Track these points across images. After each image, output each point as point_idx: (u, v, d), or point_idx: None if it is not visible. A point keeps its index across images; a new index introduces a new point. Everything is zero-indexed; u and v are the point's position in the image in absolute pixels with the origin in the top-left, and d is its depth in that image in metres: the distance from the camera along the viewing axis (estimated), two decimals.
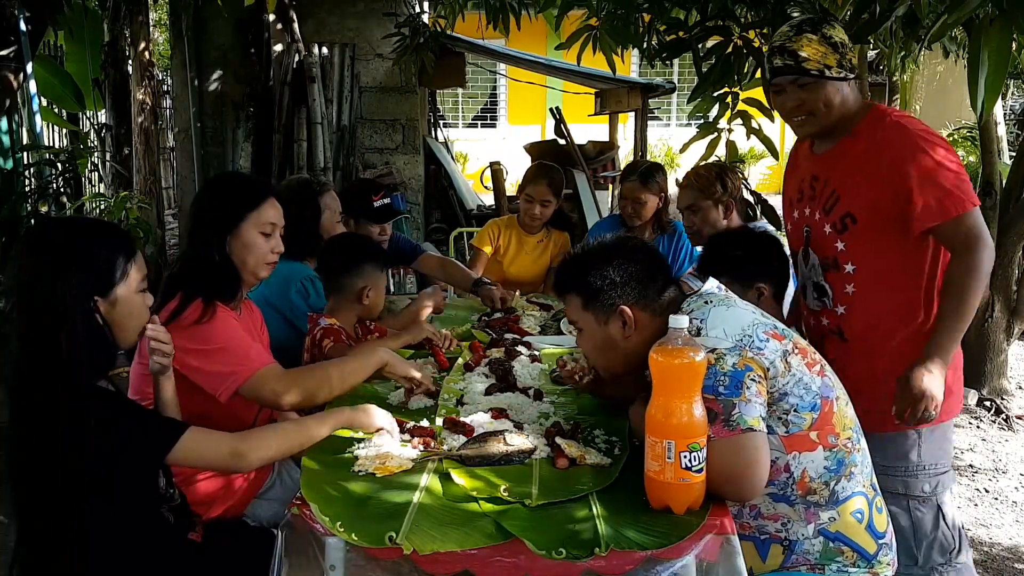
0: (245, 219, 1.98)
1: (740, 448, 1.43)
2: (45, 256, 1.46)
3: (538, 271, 3.66)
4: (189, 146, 6.42)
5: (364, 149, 6.56)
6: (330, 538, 1.36)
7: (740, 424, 1.43)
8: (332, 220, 2.87)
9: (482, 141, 13.66)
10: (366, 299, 2.42)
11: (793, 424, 1.53)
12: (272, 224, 2.02)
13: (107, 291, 1.50)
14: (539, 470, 1.59)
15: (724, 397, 1.44)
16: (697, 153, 3.03)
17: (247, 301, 2.13)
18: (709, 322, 1.53)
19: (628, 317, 1.63)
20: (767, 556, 1.57)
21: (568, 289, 1.73)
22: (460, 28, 5.08)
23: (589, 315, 1.68)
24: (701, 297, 1.63)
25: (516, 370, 2.20)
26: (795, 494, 1.55)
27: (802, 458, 1.54)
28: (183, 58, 6.31)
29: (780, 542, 1.57)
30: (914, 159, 1.87)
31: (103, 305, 1.50)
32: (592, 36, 3.12)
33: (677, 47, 2.74)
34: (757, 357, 1.49)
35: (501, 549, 1.33)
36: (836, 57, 1.90)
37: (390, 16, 6.11)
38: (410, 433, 1.76)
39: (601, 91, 7.90)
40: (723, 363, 1.47)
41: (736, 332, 1.51)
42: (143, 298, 1.58)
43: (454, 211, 7.22)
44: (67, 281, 1.44)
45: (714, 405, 1.44)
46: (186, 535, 1.65)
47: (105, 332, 1.49)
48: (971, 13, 1.81)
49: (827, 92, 1.93)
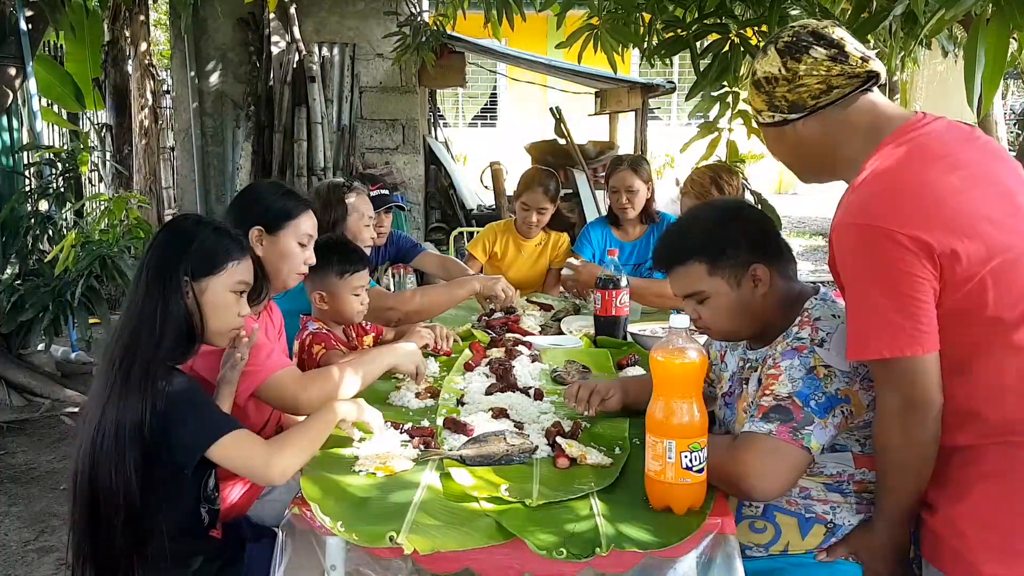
0: (284, 227, 2.03)
1: (787, 457, 1.43)
2: (170, 236, 1.63)
3: (537, 275, 3.65)
4: (189, 145, 6.43)
5: (364, 149, 6.56)
6: (330, 538, 1.36)
7: (804, 440, 1.43)
8: (359, 223, 2.86)
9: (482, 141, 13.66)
10: (323, 304, 2.32)
11: (869, 446, 1.51)
12: (309, 236, 2.08)
13: (200, 276, 1.59)
14: (540, 470, 1.59)
15: (810, 411, 1.44)
16: (698, 152, 3.02)
17: (269, 304, 2.14)
18: (836, 338, 1.48)
19: (763, 273, 1.59)
20: (808, 534, 1.56)
21: (686, 258, 1.62)
22: (461, 28, 5.07)
23: (718, 279, 1.59)
24: (827, 307, 1.56)
25: (516, 370, 2.20)
26: (850, 490, 1.55)
27: (868, 473, 1.53)
28: (183, 58, 6.31)
29: (825, 524, 1.56)
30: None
31: (194, 287, 1.57)
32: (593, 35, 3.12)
33: (675, 45, 2.73)
34: (862, 392, 1.47)
35: (502, 549, 1.33)
36: (763, 99, 1.49)
37: (390, 15, 6.11)
38: (410, 433, 1.76)
39: (601, 90, 7.90)
40: (829, 383, 1.46)
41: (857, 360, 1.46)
42: (236, 300, 1.64)
43: (454, 211, 7.21)
44: (175, 259, 1.57)
45: (797, 411, 1.44)
46: (209, 532, 1.66)
47: (189, 315, 1.56)
48: (968, 9, 1.80)
49: (771, 139, 1.56)
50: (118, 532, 1.49)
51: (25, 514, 3.17)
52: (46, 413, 4.22)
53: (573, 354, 2.45)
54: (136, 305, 1.55)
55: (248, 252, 1.70)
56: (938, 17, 1.88)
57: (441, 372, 2.28)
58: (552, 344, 2.58)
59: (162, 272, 1.56)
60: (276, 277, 2.04)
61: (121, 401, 1.48)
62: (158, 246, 1.62)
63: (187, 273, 1.57)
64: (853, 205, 1.37)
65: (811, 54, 1.43)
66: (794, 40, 1.45)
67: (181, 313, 1.55)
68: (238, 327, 1.67)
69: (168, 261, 1.58)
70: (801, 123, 1.47)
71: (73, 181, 4.92)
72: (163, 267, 1.57)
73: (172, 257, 1.58)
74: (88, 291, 4.17)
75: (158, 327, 1.52)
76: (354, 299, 2.33)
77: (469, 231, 5.42)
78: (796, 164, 1.57)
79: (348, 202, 2.83)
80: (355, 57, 6.38)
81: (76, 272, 4.13)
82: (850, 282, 1.38)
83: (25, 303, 4.15)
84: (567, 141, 7.39)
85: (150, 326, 1.52)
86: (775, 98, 1.48)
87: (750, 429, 1.46)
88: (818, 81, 1.43)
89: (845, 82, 1.43)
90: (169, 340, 1.53)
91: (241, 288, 1.66)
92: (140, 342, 1.51)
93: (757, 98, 1.51)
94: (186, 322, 1.56)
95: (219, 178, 6.55)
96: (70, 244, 4.09)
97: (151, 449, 1.48)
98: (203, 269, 1.60)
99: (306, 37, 6.27)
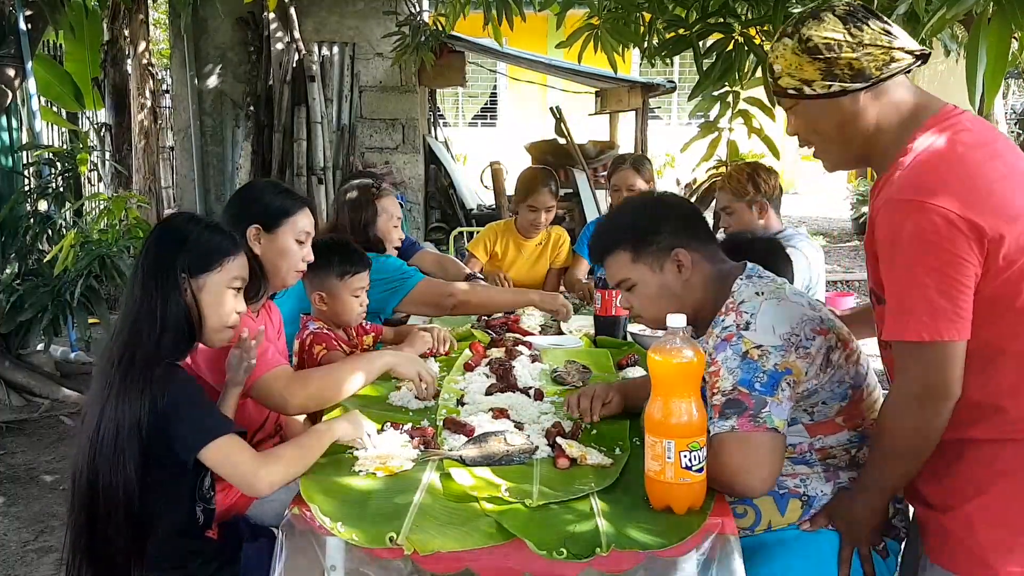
0: (282, 225, 2.02)
1: (760, 444, 1.43)
2: (163, 234, 1.64)
3: (537, 275, 3.63)
4: (188, 145, 6.42)
5: (364, 148, 6.56)
6: (330, 538, 1.36)
7: (767, 422, 1.43)
8: (389, 224, 2.86)
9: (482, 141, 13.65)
10: (323, 305, 2.31)
11: (819, 413, 1.54)
12: (307, 233, 2.07)
13: (198, 273, 1.58)
14: (540, 470, 1.59)
15: (758, 393, 1.45)
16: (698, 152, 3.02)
17: (268, 303, 2.13)
18: (759, 318, 1.51)
19: (684, 257, 1.62)
20: (785, 510, 1.58)
21: (612, 247, 1.68)
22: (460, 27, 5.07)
23: (641, 266, 1.64)
24: (752, 285, 1.59)
25: (516, 370, 2.19)
26: (814, 459, 1.57)
27: (826, 439, 1.55)
28: (183, 57, 6.31)
29: (799, 497, 1.57)
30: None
31: (191, 284, 1.57)
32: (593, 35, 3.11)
33: (677, 45, 2.73)
34: (800, 360, 1.48)
35: (502, 549, 1.32)
36: (819, 66, 1.38)
37: (390, 15, 6.11)
38: (410, 433, 1.76)
39: (601, 90, 7.90)
40: (765, 360, 1.47)
41: (785, 330, 1.49)
42: (234, 298, 1.64)
43: (454, 211, 7.21)
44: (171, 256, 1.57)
45: (746, 399, 1.44)
46: (205, 532, 1.66)
47: (186, 312, 1.56)
48: (969, 8, 1.80)
49: (814, 115, 1.44)
50: (116, 531, 1.49)
51: (24, 514, 3.16)
52: (45, 413, 4.22)
53: (573, 354, 2.45)
54: (134, 304, 1.55)
55: (242, 249, 1.70)
56: (939, 16, 1.88)
57: (441, 372, 2.28)
58: (552, 344, 2.58)
59: (159, 270, 1.56)
60: (275, 275, 2.03)
61: (120, 399, 1.48)
62: (153, 244, 1.62)
63: (184, 270, 1.57)
64: (906, 183, 1.32)
65: (870, 25, 1.37)
66: (851, 10, 1.39)
67: (180, 310, 1.55)
68: (234, 324, 1.67)
69: (164, 259, 1.57)
70: (862, 95, 1.38)
71: (72, 181, 4.92)
72: (160, 265, 1.57)
73: (168, 255, 1.58)
74: (87, 291, 4.16)
75: (157, 325, 1.52)
76: (353, 300, 2.32)
77: (469, 231, 5.42)
78: (835, 144, 1.47)
79: (378, 204, 2.83)
80: (355, 56, 6.38)
81: (75, 272, 4.12)
82: (895, 259, 1.33)
83: (24, 303, 4.14)
84: (567, 141, 7.39)
85: (149, 324, 1.52)
86: (836, 66, 1.37)
87: (714, 432, 1.47)
88: (882, 51, 1.36)
89: (904, 56, 1.37)
90: (168, 338, 1.53)
91: (237, 284, 1.66)
92: (139, 340, 1.51)
93: (809, 67, 1.39)
94: (185, 319, 1.56)
95: (219, 178, 6.55)
96: (69, 244, 4.08)
97: (150, 447, 1.48)
98: (200, 266, 1.60)
99: (306, 36, 6.27)
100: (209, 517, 1.66)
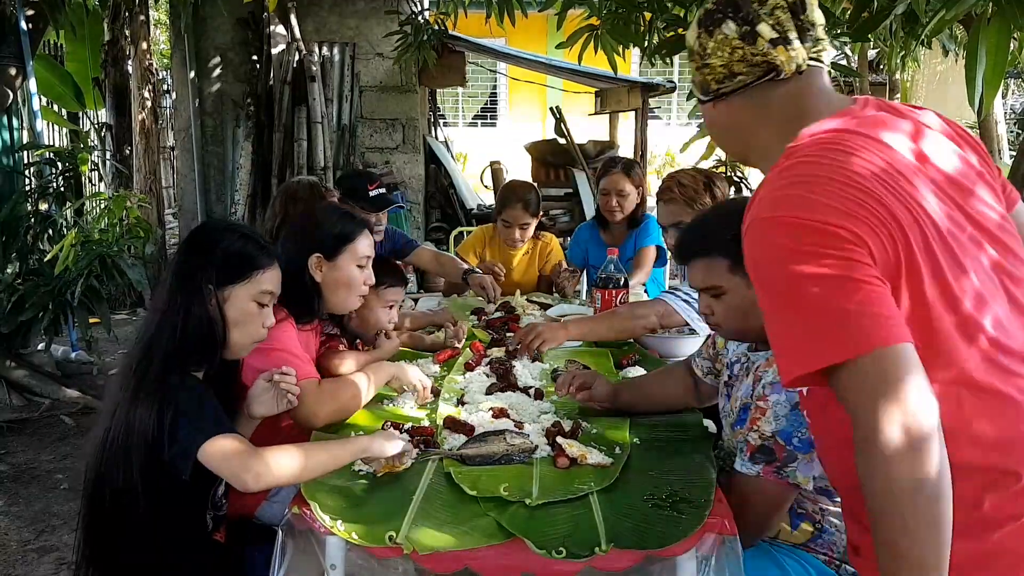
0: (343, 251, 2.00)
1: (775, 496, 1.48)
2: (194, 241, 1.61)
3: (528, 281, 3.59)
4: (189, 145, 6.42)
5: (364, 148, 6.55)
6: (330, 538, 1.36)
7: (790, 477, 1.45)
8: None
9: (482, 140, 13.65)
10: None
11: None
12: (367, 257, 2.05)
13: (224, 283, 1.56)
14: (540, 469, 1.59)
15: (793, 449, 1.45)
16: (698, 152, 3.02)
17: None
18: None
19: None
20: (796, 528, 1.58)
21: (711, 251, 1.59)
22: (461, 27, 5.07)
23: (739, 278, 1.55)
24: None
25: (516, 369, 2.20)
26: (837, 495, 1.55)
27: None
28: (183, 57, 6.30)
29: (813, 522, 1.58)
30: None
31: (217, 295, 1.54)
32: (593, 35, 3.12)
33: (677, 45, 2.73)
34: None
35: (502, 548, 1.33)
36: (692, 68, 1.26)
37: (391, 14, 6.10)
38: (410, 433, 1.76)
39: (601, 90, 7.90)
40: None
41: None
42: (260, 312, 1.61)
43: (454, 210, 7.21)
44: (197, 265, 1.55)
45: (780, 451, 1.45)
46: (212, 535, 1.66)
47: (211, 323, 1.53)
48: (969, 9, 1.80)
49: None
50: (124, 533, 1.49)
51: (25, 514, 3.16)
52: (46, 413, 4.22)
53: (573, 354, 2.45)
54: (159, 309, 1.54)
55: (276, 261, 1.66)
56: (939, 17, 1.88)
57: (441, 372, 2.28)
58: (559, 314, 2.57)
59: (185, 278, 1.54)
60: (338, 301, 2.01)
61: (133, 404, 1.46)
62: (183, 251, 1.60)
63: (210, 280, 1.54)
64: (765, 200, 1.07)
65: (722, 29, 1.17)
66: (714, 8, 1.19)
67: (203, 320, 1.52)
68: (261, 339, 1.63)
69: (191, 267, 1.55)
70: (710, 105, 1.24)
71: (73, 180, 4.92)
72: (186, 273, 1.54)
73: (195, 263, 1.56)
74: (88, 291, 4.16)
75: (178, 333, 1.50)
76: (383, 312, 2.30)
77: (469, 230, 5.42)
78: (717, 143, 1.39)
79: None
80: (355, 56, 6.38)
81: (76, 271, 4.12)
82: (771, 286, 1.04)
83: (25, 303, 4.14)
84: (567, 140, 7.40)
85: (170, 331, 1.50)
86: (693, 72, 1.25)
87: (740, 469, 1.50)
88: (721, 64, 1.18)
89: (746, 70, 1.16)
90: (189, 346, 1.51)
91: (266, 299, 1.62)
92: (158, 346, 1.50)
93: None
94: (208, 330, 1.53)
95: (219, 177, 6.54)
96: (70, 243, 4.08)
97: (156, 452, 1.46)
98: (226, 277, 1.56)
99: (306, 36, 6.27)
100: (218, 523, 1.65)
